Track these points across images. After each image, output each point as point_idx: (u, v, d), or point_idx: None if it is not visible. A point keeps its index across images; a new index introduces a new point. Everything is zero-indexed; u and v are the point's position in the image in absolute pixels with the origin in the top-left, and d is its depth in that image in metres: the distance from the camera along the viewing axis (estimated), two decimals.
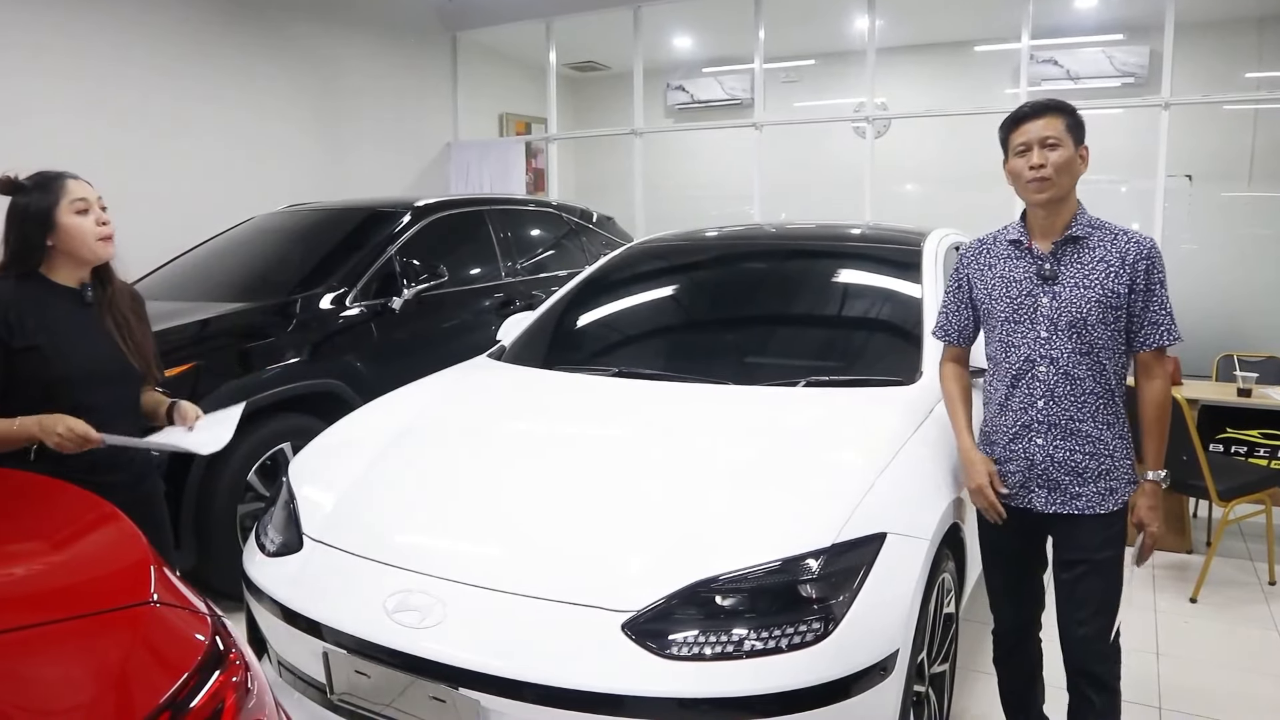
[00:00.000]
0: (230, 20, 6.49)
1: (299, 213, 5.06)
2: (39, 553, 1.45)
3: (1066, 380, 2.19)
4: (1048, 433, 2.21)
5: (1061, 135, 2.16)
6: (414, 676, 1.94)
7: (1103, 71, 8.05)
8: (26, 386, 2.11)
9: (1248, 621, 3.57)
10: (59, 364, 2.14)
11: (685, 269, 3.81)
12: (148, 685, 1.16)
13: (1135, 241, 2.17)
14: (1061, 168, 2.15)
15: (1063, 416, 2.20)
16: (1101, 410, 2.20)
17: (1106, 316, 2.16)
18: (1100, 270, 2.17)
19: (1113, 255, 2.17)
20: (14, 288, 2.13)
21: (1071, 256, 2.20)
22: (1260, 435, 4.57)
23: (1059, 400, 2.20)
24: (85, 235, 2.17)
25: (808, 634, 1.85)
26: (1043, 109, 2.21)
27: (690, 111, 10.11)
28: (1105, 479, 2.21)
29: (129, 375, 2.30)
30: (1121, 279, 2.15)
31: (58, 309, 2.18)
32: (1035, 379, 2.22)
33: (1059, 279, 2.19)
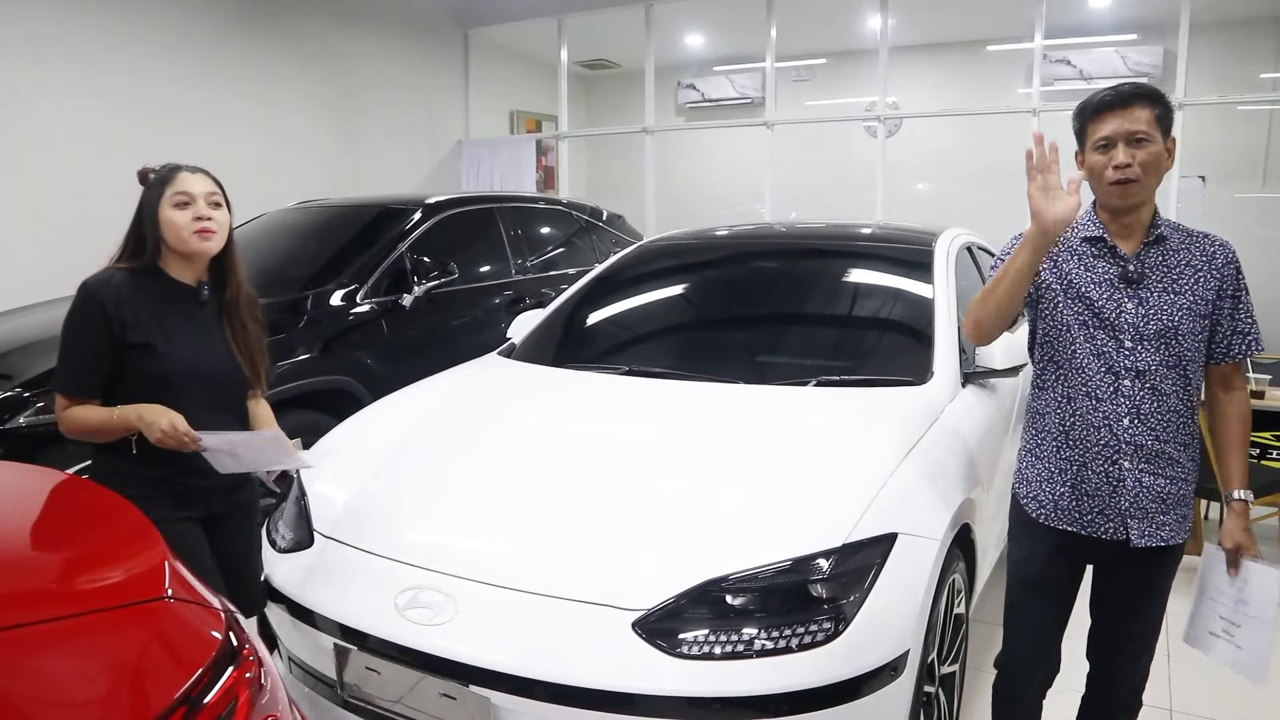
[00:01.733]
0: (244, 15, 6.52)
1: (310, 209, 5.07)
2: (55, 547, 1.46)
3: (1154, 396, 1.97)
4: (1134, 455, 1.98)
5: (1151, 129, 1.91)
6: (424, 673, 1.95)
7: (1116, 71, 8.01)
8: (134, 382, 2.09)
9: None
10: (167, 361, 2.10)
11: (695, 268, 3.80)
12: (162, 680, 1.17)
13: (1220, 245, 2.00)
14: (1150, 167, 1.92)
15: (1149, 437, 1.98)
16: (1182, 430, 2.01)
17: (1195, 326, 1.97)
18: (1189, 275, 1.97)
19: (1199, 259, 1.98)
20: (129, 281, 2.10)
21: (1157, 259, 1.98)
22: (1273, 437, 4.54)
23: (1145, 419, 1.97)
24: (178, 229, 2.11)
25: (818, 634, 1.85)
26: (1131, 97, 1.92)
27: (701, 110, 10.11)
28: (1183, 505, 2.03)
29: (235, 380, 2.26)
30: (1209, 285, 1.97)
31: (171, 306, 2.15)
32: (1119, 393, 1.98)
33: (1145, 283, 1.97)
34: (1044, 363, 2.12)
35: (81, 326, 2.07)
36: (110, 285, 2.07)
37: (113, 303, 2.05)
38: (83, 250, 2.55)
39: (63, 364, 2.11)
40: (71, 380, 2.09)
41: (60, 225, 5.06)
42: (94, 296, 2.05)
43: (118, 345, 2.06)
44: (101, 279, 2.09)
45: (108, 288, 2.06)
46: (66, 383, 2.10)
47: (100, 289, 2.06)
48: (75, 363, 2.09)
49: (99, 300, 2.05)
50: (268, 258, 4.61)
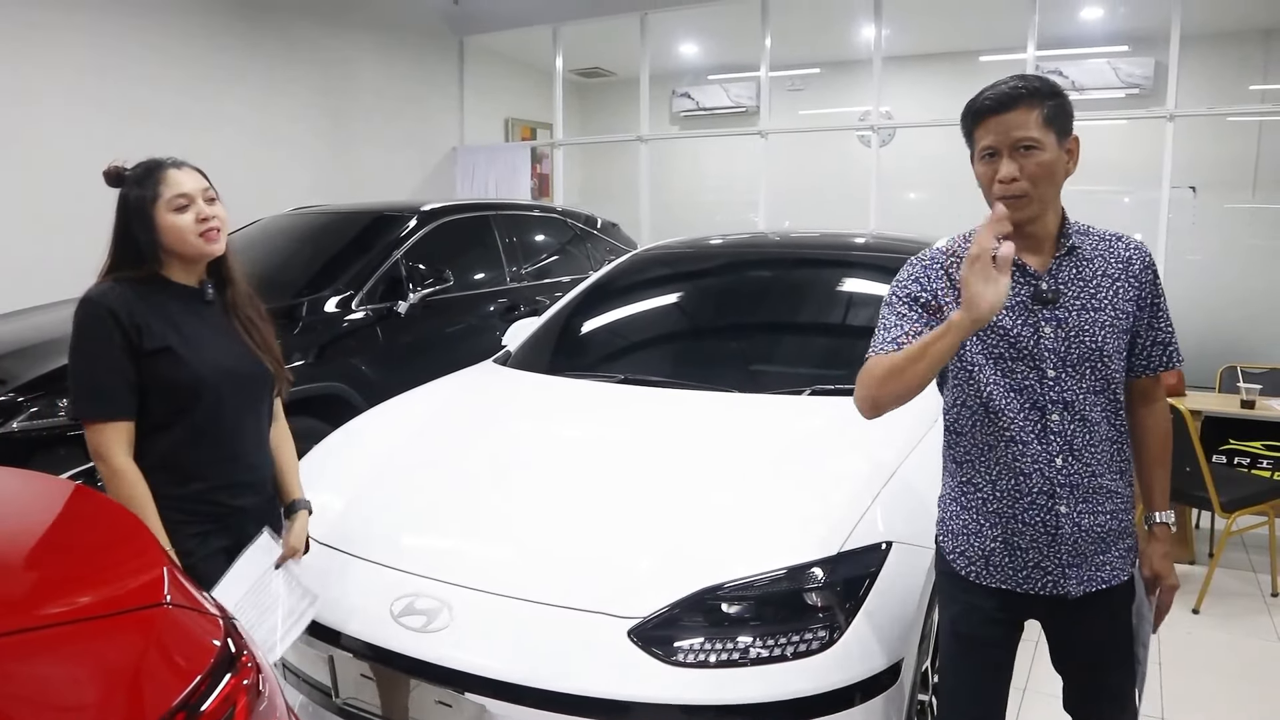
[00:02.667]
0: (239, 21, 6.53)
1: (305, 215, 5.08)
2: (52, 553, 1.46)
3: (1084, 427, 1.71)
4: (1070, 496, 1.72)
5: (1039, 134, 1.63)
6: (419, 680, 1.95)
7: (1108, 83, 8.07)
8: (162, 393, 1.93)
9: (1251, 633, 3.57)
10: (194, 364, 1.95)
11: (690, 276, 3.82)
12: (160, 687, 1.17)
13: (1136, 247, 1.75)
14: (1041, 177, 1.64)
15: (1084, 474, 1.72)
16: (1115, 457, 1.75)
17: (1120, 343, 1.72)
18: (1106, 286, 1.71)
19: (1114, 266, 1.72)
20: (132, 289, 1.94)
21: (1071, 272, 1.72)
22: (1263, 447, 4.56)
23: (1079, 454, 1.71)
24: (184, 234, 1.96)
25: (813, 642, 1.86)
26: (1012, 98, 1.65)
27: (696, 118, 10.13)
28: (1125, 537, 1.78)
29: (262, 376, 2.13)
30: (1128, 295, 1.72)
31: (181, 309, 2.00)
32: (1048, 430, 1.70)
33: (1061, 301, 1.70)
34: (957, 407, 1.83)
35: (96, 340, 1.89)
36: (115, 293, 1.92)
37: (124, 310, 1.89)
38: (80, 253, 2.51)
39: (86, 386, 1.90)
40: (101, 401, 1.88)
41: (56, 228, 5.04)
42: (102, 306, 1.89)
43: (136, 355, 1.90)
44: (102, 290, 1.93)
45: (113, 295, 1.91)
46: (96, 406, 1.88)
47: (105, 297, 1.91)
48: (100, 381, 1.88)
49: (107, 308, 1.89)
50: (263, 263, 4.60)
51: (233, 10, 6.47)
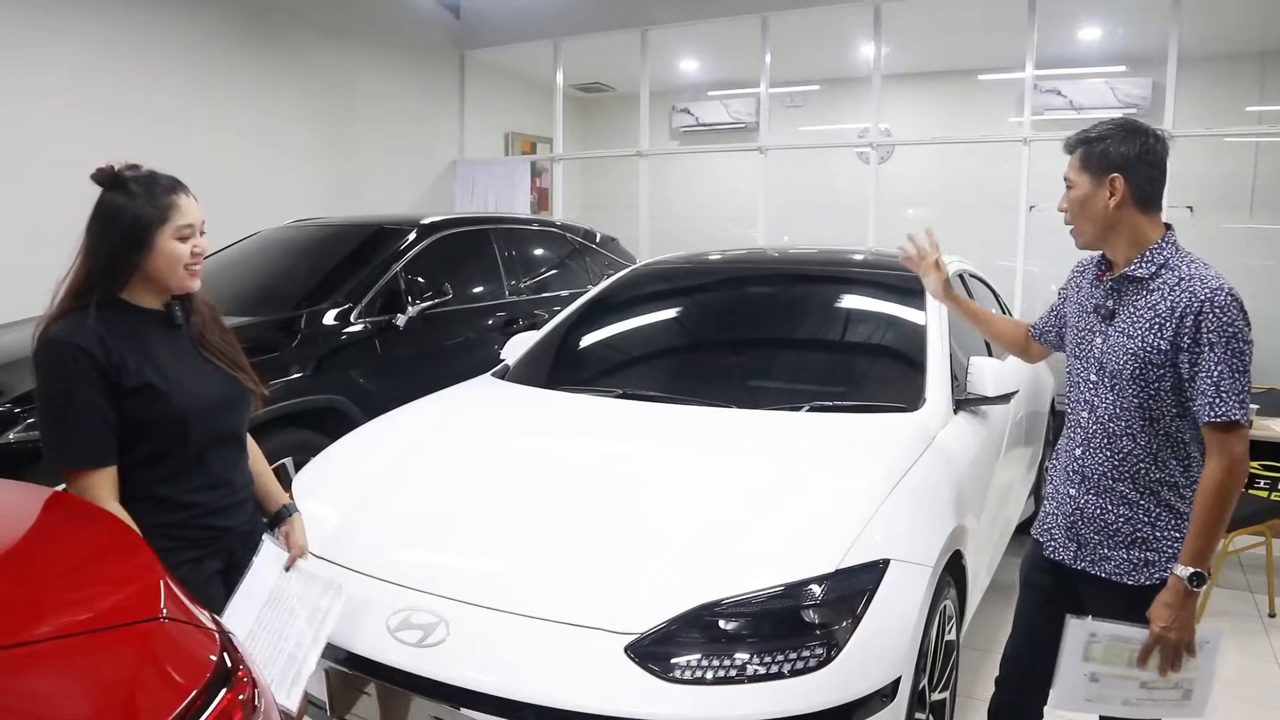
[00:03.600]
0: (243, 34, 6.55)
1: (305, 228, 5.08)
2: (47, 566, 1.45)
3: (1103, 433, 1.99)
4: (1081, 484, 2.04)
5: (1074, 175, 2.01)
6: (415, 695, 1.94)
7: (1105, 102, 8.11)
8: (146, 427, 1.81)
9: (1248, 653, 3.56)
10: (176, 397, 1.83)
11: (689, 292, 3.82)
12: (156, 701, 1.16)
13: (1190, 290, 1.86)
14: (1074, 210, 2.02)
15: (1095, 470, 2.00)
16: (1144, 473, 1.95)
17: (1146, 374, 1.90)
18: (1147, 319, 1.91)
19: (1165, 304, 1.89)
20: (99, 320, 1.78)
21: (1131, 297, 1.96)
22: (1260, 467, 4.57)
23: (1094, 452, 2.01)
24: (175, 264, 1.83)
25: (810, 659, 1.85)
26: (1069, 146, 2.06)
27: (695, 134, 10.17)
28: (1141, 547, 1.96)
29: (240, 398, 2.02)
30: (1165, 334, 1.87)
31: (153, 338, 1.86)
32: (1078, 424, 2.06)
33: (1115, 320, 1.98)
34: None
35: (72, 385, 1.74)
36: (86, 329, 1.76)
37: (98, 349, 1.75)
38: None
39: (63, 436, 1.76)
40: (80, 449, 1.76)
41: (54, 236, 5.02)
42: (75, 347, 1.74)
43: (116, 395, 1.77)
44: (71, 324, 1.77)
45: (85, 332, 1.75)
46: (75, 454, 1.76)
47: (76, 336, 1.75)
48: (78, 430, 1.75)
49: (82, 349, 1.74)
50: (262, 275, 4.61)
51: (234, 21, 6.49)
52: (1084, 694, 1.96)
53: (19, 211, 5.09)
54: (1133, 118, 2.03)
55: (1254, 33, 7.51)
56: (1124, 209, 1.96)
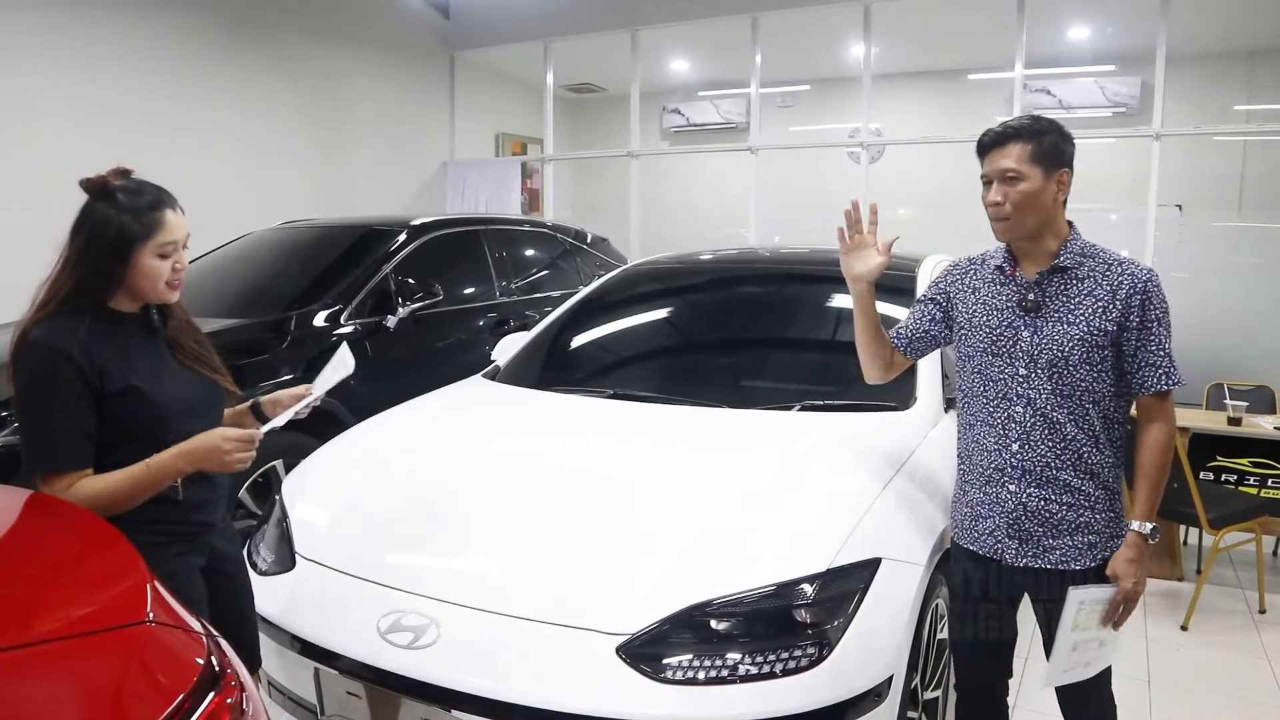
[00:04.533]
0: (233, 36, 6.53)
1: (295, 229, 5.06)
2: (33, 570, 1.44)
3: (1044, 424, 1.99)
4: (1021, 479, 2.02)
5: (1024, 166, 1.94)
6: (406, 698, 1.93)
7: (1095, 101, 8.14)
8: (122, 434, 1.82)
9: (1238, 650, 3.57)
10: (158, 400, 1.85)
11: (680, 291, 3.82)
12: (142, 706, 1.15)
13: (1130, 273, 1.96)
14: (1022, 204, 1.95)
15: (1038, 463, 2.00)
16: (1085, 458, 2.00)
17: (1091, 356, 1.95)
18: (1088, 305, 1.96)
19: (1103, 288, 1.96)
20: (81, 325, 1.79)
21: (1058, 287, 2.00)
22: (1250, 464, 4.58)
23: (1034, 445, 2.00)
24: (155, 280, 1.85)
25: (802, 659, 1.85)
26: (1004, 136, 1.98)
27: (686, 134, 10.18)
28: (1084, 532, 2.02)
29: (218, 398, 2.05)
30: (1110, 315, 1.94)
31: (131, 342, 1.88)
32: (1011, 419, 2.02)
33: (1042, 311, 2.00)
34: (962, 388, 2.17)
35: (54, 391, 1.75)
36: (69, 334, 1.77)
37: (81, 354, 1.76)
38: None
39: (43, 438, 1.78)
40: (57, 454, 1.77)
41: (45, 239, 5.01)
42: (57, 352, 1.75)
43: (98, 399, 1.78)
44: (53, 329, 1.78)
45: (68, 338, 1.77)
46: (52, 459, 1.77)
47: (58, 341, 1.76)
48: (57, 435, 1.77)
49: (64, 354, 1.75)
50: (252, 277, 4.59)
51: (226, 23, 6.47)
52: (1065, 665, 2.02)
53: (9, 213, 5.06)
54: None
55: (1242, 32, 7.55)
56: (1059, 204, 2.01)
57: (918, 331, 2.28)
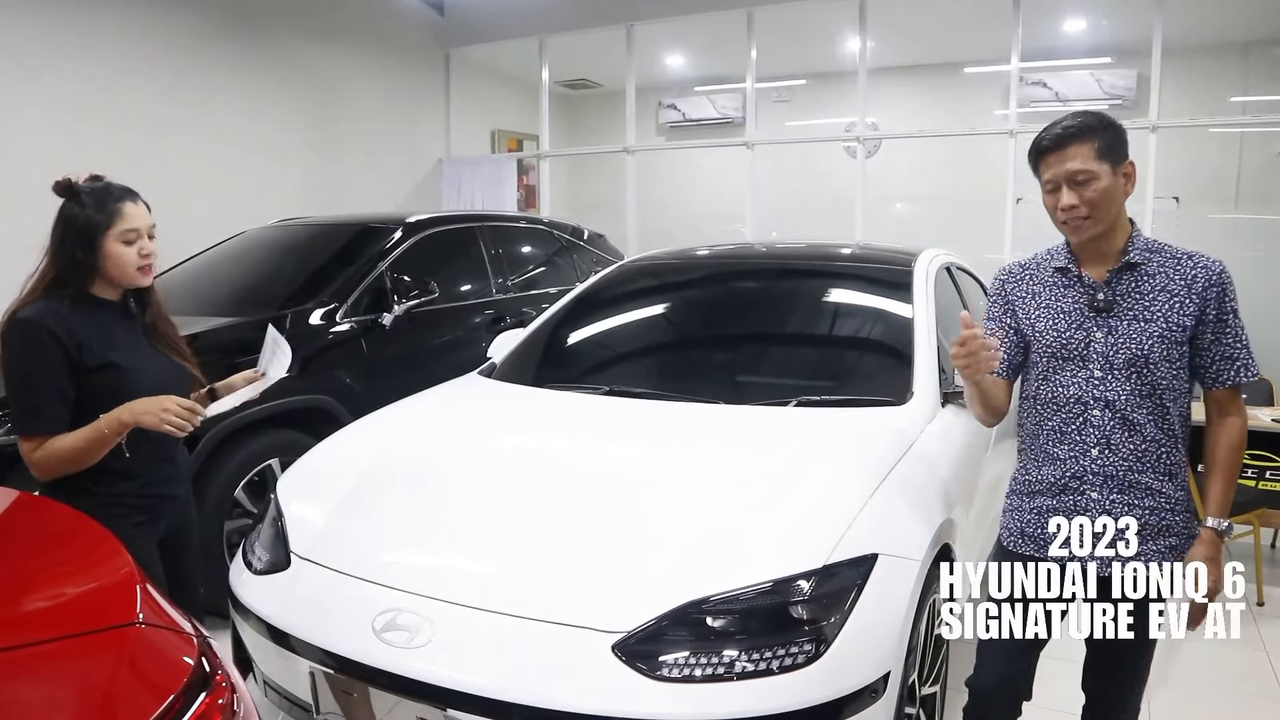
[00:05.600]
0: (227, 33, 6.51)
1: (290, 227, 5.05)
2: (23, 571, 1.43)
3: (1125, 426, 1.92)
4: (1103, 486, 1.94)
5: (1093, 165, 1.86)
6: (401, 697, 1.93)
7: (1091, 94, 8.13)
8: (99, 406, 2.04)
9: (1236, 642, 3.55)
10: (132, 376, 2.09)
11: (676, 287, 3.81)
12: (133, 708, 1.15)
13: (1203, 266, 1.91)
14: (1099, 202, 1.87)
15: (1120, 467, 1.93)
16: (1164, 459, 1.93)
17: (1171, 353, 1.89)
18: (1163, 301, 1.90)
19: (1177, 283, 1.90)
20: (65, 307, 2.05)
21: (1129, 285, 1.93)
22: (1248, 456, 4.58)
23: (1116, 449, 1.93)
24: (125, 266, 2.10)
25: (799, 656, 1.84)
26: (1065, 138, 1.89)
27: (682, 130, 10.16)
28: (1166, 535, 1.95)
29: (186, 381, 2.28)
30: (1188, 310, 1.88)
31: (112, 325, 2.14)
32: (1088, 424, 1.94)
33: (1115, 311, 1.92)
34: (1026, 394, 2.08)
35: (37, 361, 2.01)
36: (53, 314, 2.03)
37: (63, 330, 2.01)
38: None
39: (26, 405, 2.04)
40: (40, 419, 2.03)
41: (35, 238, 5.00)
42: (40, 327, 2.00)
43: (78, 372, 2.03)
44: (40, 309, 2.03)
45: (50, 316, 2.02)
46: (35, 423, 2.03)
47: (44, 318, 2.01)
48: (41, 400, 2.02)
49: (47, 330, 2.00)
50: (247, 275, 4.58)
51: (219, 21, 6.45)
52: None
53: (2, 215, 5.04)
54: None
55: (1238, 24, 7.54)
56: (1126, 198, 1.94)
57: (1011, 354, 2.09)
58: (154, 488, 2.20)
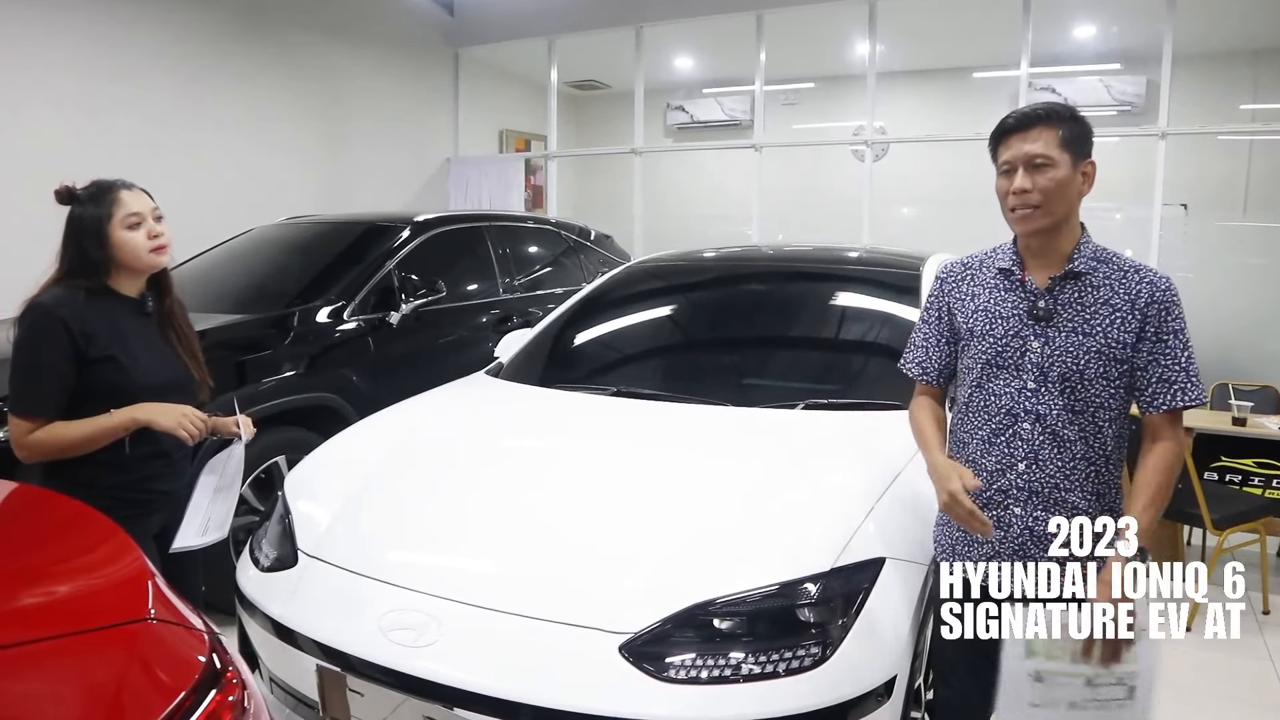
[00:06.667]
0: (237, 32, 6.53)
1: (298, 225, 5.06)
2: (34, 567, 1.43)
3: (1053, 442, 1.84)
4: (1027, 501, 1.86)
5: (1054, 153, 1.78)
6: (408, 695, 1.93)
7: (1100, 100, 8.12)
8: (99, 397, 2.10)
9: (1242, 652, 3.56)
10: (134, 372, 2.14)
11: (684, 289, 3.81)
12: (143, 704, 1.15)
13: (1149, 283, 1.81)
14: (1052, 192, 1.79)
15: (1046, 484, 1.85)
16: (1092, 479, 1.85)
17: (1108, 371, 1.81)
18: (1104, 315, 1.81)
19: (1120, 297, 1.81)
20: (81, 297, 2.12)
21: (1071, 295, 1.84)
22: (1255, 464, 4.57)
23: (1043, 464, 1.84)
24: (137, 250, 2.15)
25: (805, 658, 1.84)
26: (1032, 119, 1.82)
27: (690, 131, 10.16)
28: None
29: (192, 385, 2.31)
30: (1129, 326, 1.80)
31: (124, 320, 2.18)
32: (1017, 437, 1.86)
33: (1055, 321, 1.84)
34: (960, 400, 2.00)
35: (43, 346, 2.07)
36: (66, 302, 2.09)
37: (74, 319, 2.07)
38: None
39: (25, 386, 2.10)
40: (37, 401, 2.08)
41: (45, 235, 5.02)
42: (53, 314, 2.07)
43: (80, 362, 2.08)
44: (55, 297, 2.10)
45: (64, 305, 2.08)
46: (32, 404, 2.08)
47: (58, 306, 2.08)
48: (41, 383, 2.08)
49: (58, 317, 2.06)
50: (255, 273, 4.59)
51: (229, 18, 6.46)
52: (1029, 697, 1.81)
53: (8, 209, 5.05)
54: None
55: (1248, 31, 7.52)
56: (1081, 199, 1.86)
57: (941, 357, 2.06)
58: (146, 483, 2.22)
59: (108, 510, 1.89)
